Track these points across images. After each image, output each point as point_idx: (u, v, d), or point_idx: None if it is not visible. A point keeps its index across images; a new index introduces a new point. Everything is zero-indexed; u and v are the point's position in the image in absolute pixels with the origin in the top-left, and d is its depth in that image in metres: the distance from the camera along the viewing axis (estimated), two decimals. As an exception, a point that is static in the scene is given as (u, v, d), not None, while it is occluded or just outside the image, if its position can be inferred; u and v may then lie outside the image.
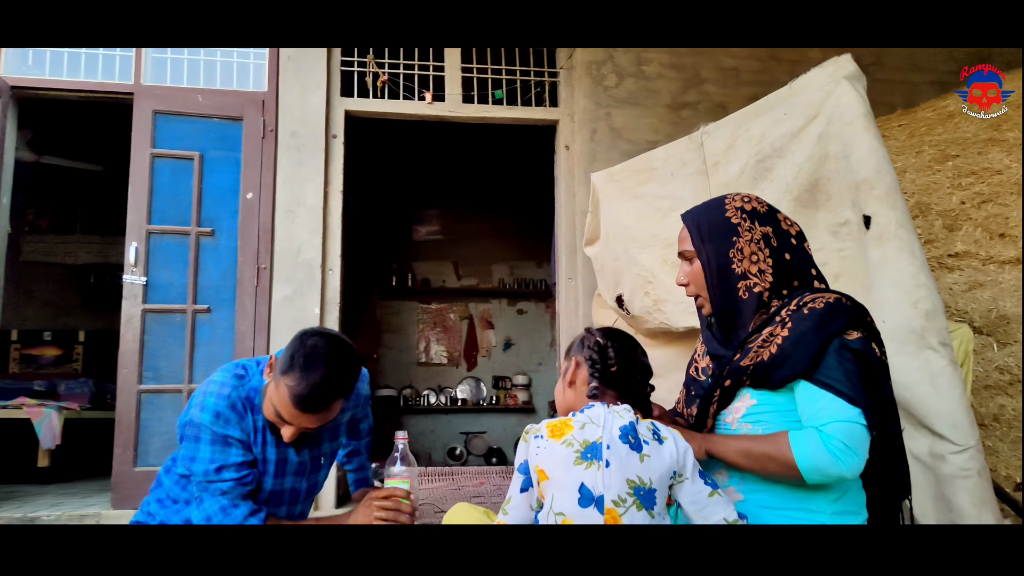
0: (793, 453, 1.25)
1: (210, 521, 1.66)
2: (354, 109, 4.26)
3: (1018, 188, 3.01)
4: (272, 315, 3.89)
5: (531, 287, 7.87)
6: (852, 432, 1.23)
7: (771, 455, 1.29)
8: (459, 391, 7.60)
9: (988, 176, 3.12)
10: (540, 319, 7.98)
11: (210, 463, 1.66)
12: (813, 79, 2.19)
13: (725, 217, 1.52)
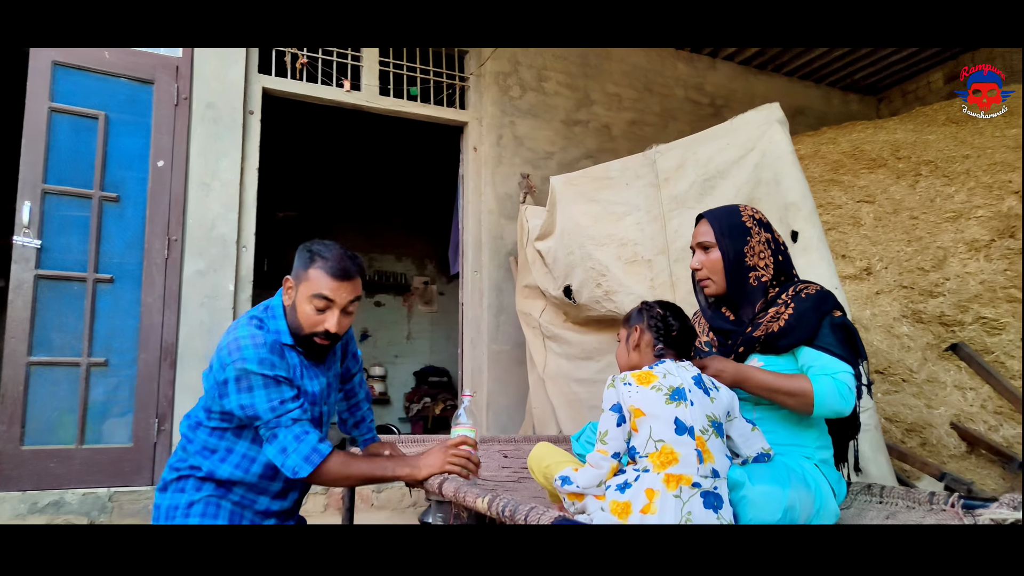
0: (813, 390, 1.70)
1: (286, 452, 1.73)
2: (272, 87, 4.24)
3: (854, 220, 3.84)
4: (183, 289, 3.77)
5: (390, 280, 8.02)
6: (850, 382, 1.71)
7: (791, 391, 1.72)
8: (314, 380, 7.52)
9: (832, 209, 3.93)
10: (398, 312, 8.15)
11: (270, 403, 1.74)
12: (750, 119, 2.74)
13: (741, 221, 1.96)
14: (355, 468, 1.81)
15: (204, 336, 3.76)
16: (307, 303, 1.81)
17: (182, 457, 1.94)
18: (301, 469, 1.73)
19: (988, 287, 3.31)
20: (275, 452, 1.76)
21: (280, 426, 1.75)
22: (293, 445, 1.74)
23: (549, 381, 3.45)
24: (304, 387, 1.88)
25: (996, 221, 3.44)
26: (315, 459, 1.75)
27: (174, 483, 1.90)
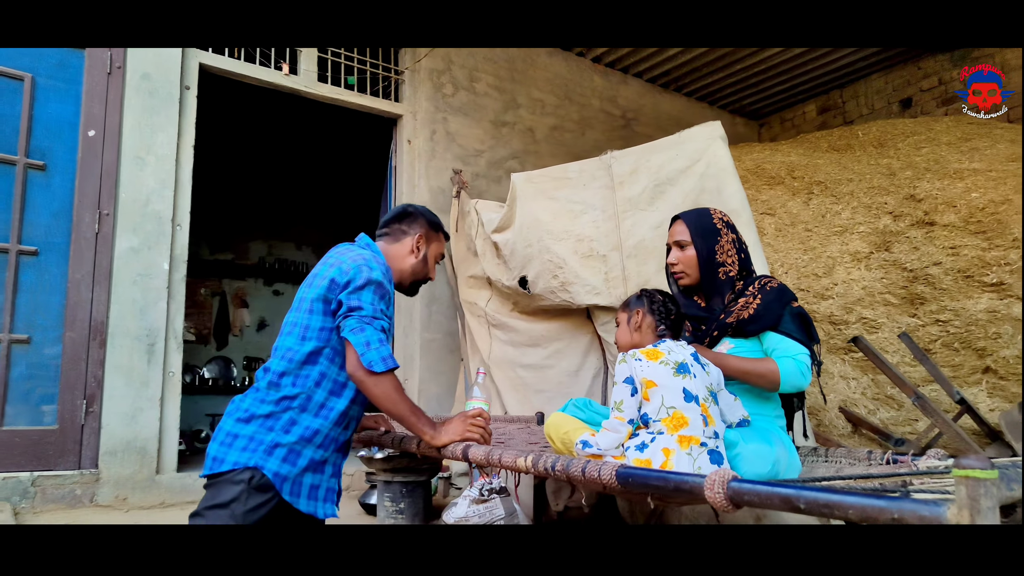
0: (780, 370, 2.02)
1: (369, 345, 1.88)
2: (209, 64, 4.14)
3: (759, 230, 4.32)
4: (114, 266, 3.62)
5: (291, 269, 7.87)
6: (807, 362, 2.06)
7: (762, 373, 2.04)
8: (207, 371, 7.26)
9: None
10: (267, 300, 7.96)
11: (374, 304, 1.94)
12: (696, 133, 3.09)
13: (712, 223, 2.27)
14: (405, 398, 1.96)
15: (137, 316, 3.64)
16: (432, 258, 2.24)
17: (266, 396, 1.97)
18: (377, 365, 1.87)
19: (868, 292, 3.88)
20: (360, 342, 1.89)
21: (371, 325, 1.92)
22: (376, 344, 1.90)
23: (494, 367, 3.66)
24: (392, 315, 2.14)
25: (874, 236, 4.04)
26: (390, 363, 1.91)
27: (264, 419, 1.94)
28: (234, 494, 1.85)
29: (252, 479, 1.86)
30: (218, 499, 1.86)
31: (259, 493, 1.86)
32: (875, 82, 6.28)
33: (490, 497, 3.44)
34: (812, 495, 1.13)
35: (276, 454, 1.90)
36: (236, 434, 1.92)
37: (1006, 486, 0.99)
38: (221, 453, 1.90)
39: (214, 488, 1.89)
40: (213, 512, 1.85)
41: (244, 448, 1.89)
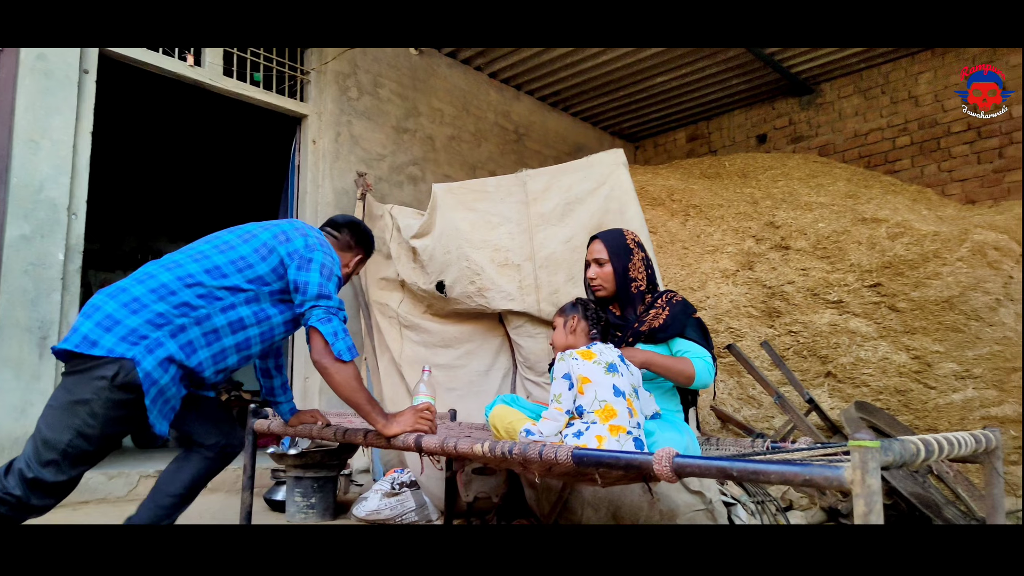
0: (695, 369, 2.38)
1: (337, 336, 2.03)
2: (110, 50, 4.00)
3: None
4: (4, 254, 3.43)
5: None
6: (711, 363, 2.43)
7: (682, 370, 2.38)
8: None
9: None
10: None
11: (338, 298, 2.13)
12: (602, 159, 3.44)
13: (626, 244, 2.61)
14: (363, 387, 2.13)
15: (27, 307, 3.47)
16: (353, 268, 2.43)
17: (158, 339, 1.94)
18: (344, 354, 2.04)
19: (735, 305, 4.43)
20: (328, 332, 2.04)
21: (337, 316, 2.08)
22: (343, 334, 2.07)
23: (405, 366, 3.82)
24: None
25: (740, 256, 4.61)
26: (354, 352, 2.09)
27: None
28: (95, 391, 1.84)
29: (118, 375, 1.84)
30: (77, 395, 1.85)
31: (122, 392, 1.85)
32: (737, 117, 7.04)
33: (401, 491, 3.62)
34: (742, 465, 1.45)
35: (156, 354, 1.89)
36: (118, 320, 1.88)
37: (883, 453, 1.35)
38: (95, 335, 1.86)
39: (75, 377, 1.87)
40: (71, 410, 1.84)
41: (123, 338, 1.86)
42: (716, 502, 3.00)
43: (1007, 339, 3.85)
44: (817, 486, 1.36)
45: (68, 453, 1.84)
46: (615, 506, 3.09)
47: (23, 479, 1.83)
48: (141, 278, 1.99)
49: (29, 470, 1.83)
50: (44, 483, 1.84)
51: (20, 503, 1.83)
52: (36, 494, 1.85)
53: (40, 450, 1.84)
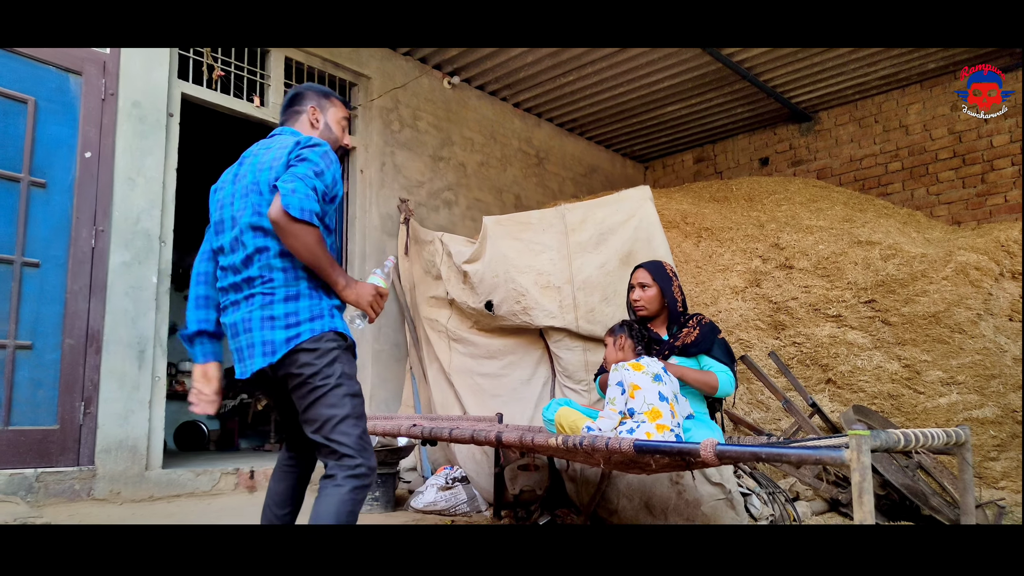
0: (719, 381, 2.87)
1: (295, 192, 1.92)
2: (190, 94, 4.50)
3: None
4: (109, 279, 3.92)
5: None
6: (732, 377, 2.93)
7: (708, 382, 2.88)
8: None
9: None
10: (206, 308, 8.13)
11: (314, 168, 2.03)
12: (631, 194, 3.94)
13: (665, 272, 3.11)
14: (324, 251, 2.00)
15: (128, 325, 3.96)
16: (335, 123, 2.33)
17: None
18: (294, 209, 1.89)
19: (744, 319, 4.93)
20: (286, 190, 1.92)
21: (303, 180, 1.96)
22: (303, 194, 1.93)
23: (454, 375, 4.32)
24: (340, 191, 2.21)
25: (748, 275, 5.11)
26: (308, 216, 1.92)
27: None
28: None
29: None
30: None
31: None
32: (741, 141, 7.56)
33: (454, 485, 4.11)
34: (769, 450, 1.95)
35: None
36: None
37: (873, 439, 1.85)
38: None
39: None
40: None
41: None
42: (734, 492, 3.49)
43: (987, 349, 4.35)
44: (825, 463, 1.86)
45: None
46: (647, 496, 3.58)
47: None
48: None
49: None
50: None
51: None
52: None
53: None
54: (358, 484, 1.99)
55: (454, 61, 5.86)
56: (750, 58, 5.87)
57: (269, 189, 2.06)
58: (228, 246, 2.14)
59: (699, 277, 5.19)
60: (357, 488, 1.99)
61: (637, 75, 6.15)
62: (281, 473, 2.32)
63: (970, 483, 2.49)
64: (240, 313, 2.08)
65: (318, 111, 2.30)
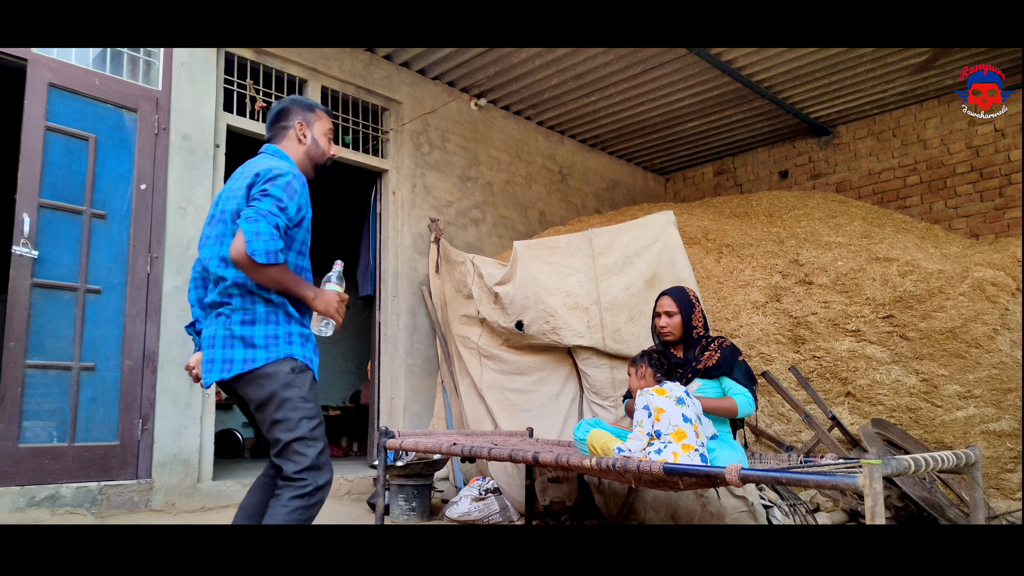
0: (737, 405, 3.05)
1: (259, 236, 1.99)
2: (235, 125, 4.75)
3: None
4: (163, 303, 4.18)
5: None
6: (751, 398, 3.10)
7: (727, 408, 3.06)
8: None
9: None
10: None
11: (278, 202, 2.09)
12: (655, 219, 4.13)
13: (689, 299, 3.30)
14: (288, 276, 2.10)
15: (181, 346, 4.21)
16: (322, 136, 2.38)
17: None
18: (259, 256, 1.98)
19: (764, 333, 5.09)
20: (250, 231, 1.99)
21: (266, 218, 2.03)
22: (267, 236, 2.01)
23: (486, 390, 4.52)
24: (308, 214, 2.27)
25: (768, 290, 5.27)
26: (272, 258, 2.02)
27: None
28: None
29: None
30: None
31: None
32: (760, 154, 7.70)
33: (486, 496, 4.32)
34: (789, 475, 2.13)
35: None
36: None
37: (884, 467, 2.02)
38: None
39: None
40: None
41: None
42: (756, 505, 3.66)
43: (1003, 364, 4.47)
44: (840, 489, 2.04)
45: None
46: (672, 508, 3.76)
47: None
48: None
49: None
50: None
51: None
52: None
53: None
54: (302, 504, 2.09)
55: (481, 84, 6.07)
56: (769, 77, 6.02)
57: (232, 218, 2.14)
58: (202, 265, 2.26)
59: (720, 292, 5.35)
60: (300, 508, 2.09)
61: (658, 94, 6.33)
62: (257, 486, 2.38)
63: (980, 501, 2.65)
64: (208, 329, 2.20)
65: (305, 126, 2.35)
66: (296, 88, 5.19)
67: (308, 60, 5.11)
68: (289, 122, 2.36)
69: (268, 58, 4.99)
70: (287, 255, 2.15)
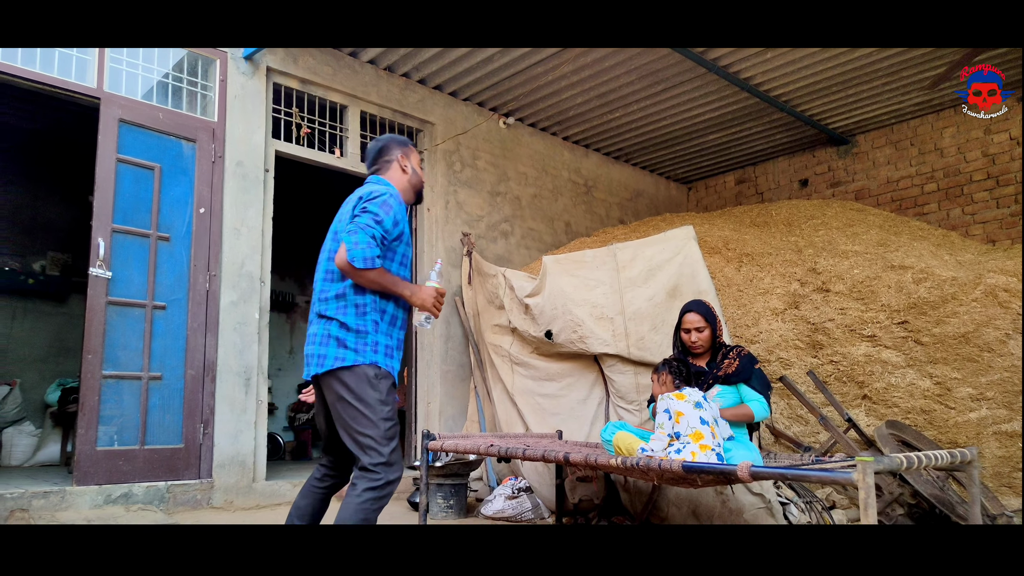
0: (754, 411, 3.32)
1: (357, 244, 2.31)
2: (282, 150, 5.12)
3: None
4: (220, 317, 4.55)
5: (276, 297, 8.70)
6: (766, 404, 3.36)
7: (742, 414, 3.33)
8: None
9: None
10: (281, 328, 8.83)
11: (375, 217, 2.41)
12: (676, 234, 4.40)
13: (712, 313, 3.56)
14: (386, 277, 2.42)
15: (236, 356, 4.57)
16: (417, 166, 2.77)
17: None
18: (357, 262, 2.31)
19: (783, 339, 5.32)
20: (351, 242, 2.34)
21: (364, 230, 2.36)
22: (364, 244, 2.34)
23: (517, 395, 4.82)
24: (406, 230, 2.59)
25: (787, 297, 5.49)
26: (370, 263, 2.34)
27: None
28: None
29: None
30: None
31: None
32: (781, 163, 7.91)
33: (519, 494, 4.61)
34: (792, 471, 2.39)
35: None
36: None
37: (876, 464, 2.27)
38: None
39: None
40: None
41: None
42: (774, 502, 3.90)
43: (1015, 367, 4.66)
44: (838, 483, 2.29)
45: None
46: (694, 504, 4.02)
47: None
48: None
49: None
50: None
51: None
52: None
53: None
54: (373, 495, 2.35)
55: (509, 103, 6.38)
56: (787, 92, 6.24)
57: (339, 237, 2.48)
58: (318, 274, 2.60)
59: (741, 300, 5.58)
60: (373, 499, 2.35)
61: (679, 109, 6.58)
62: (307, 490, 2.64)
63: (977, 497, 2.87)
64: (312, 328, 2.55)
65: (405, 159, 2.72)
66: (338, 114, 5.55)
67: (348, 87, 5.47)
68: (392, 156, 2.70)
69: (312, 87, 5.36)
70: (388, 264, 2.48)
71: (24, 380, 6.48)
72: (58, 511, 3.74)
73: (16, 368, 6.56)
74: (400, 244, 2.55)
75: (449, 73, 5.82)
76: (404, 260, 2.59)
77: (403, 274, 2.57)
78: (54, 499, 3.75)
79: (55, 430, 6.11)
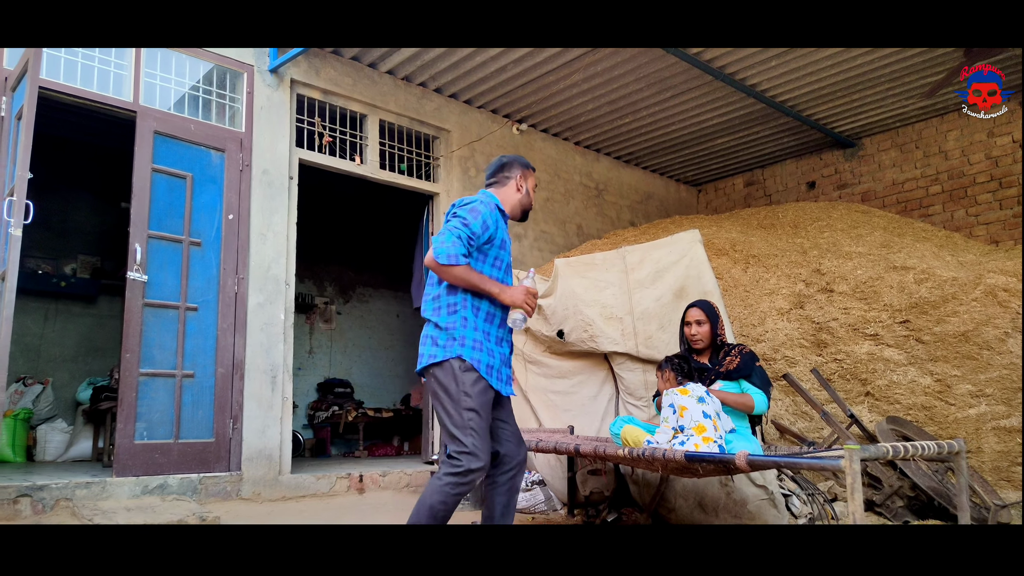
0: (754, 402, 3.50)
1: (442, 243, 2.52)
2: (305, 158, 5.36)
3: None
4: (248, 318, 4.79)
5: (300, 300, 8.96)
6: (766, 398, 3.54)
7: (743, 403, 3.51)
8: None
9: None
10: (301, 329, 9.07)
11: (462, 219, 2.59)
12: (683, 237, 4.58)
13: (714, 310, 3.75)
14: (472, 275, 2.58)
15: (263, 355, 4.81)
16: (531, 189, 2.97)
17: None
18: (440, 257, 2.50)
19: (789, 338, 5.49)
20: (436, 241, 2.55)
21: (451, 232, 2.56)
22: (448, 243, 2.53)
23: (530, 392, 5.02)
24: (504, 236, 2.79)
25: (792, 298, 5.66)
26: (453, 260, 2.51)
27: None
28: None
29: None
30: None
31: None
32: (788, 166, 8.06)
33: (532, 487, 4.81)
34: (786, 460, 2.58)
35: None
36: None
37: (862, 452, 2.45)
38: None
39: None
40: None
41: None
42: (776, 494, 4.08)
43: (1014, 364, 4.80)
44: (827, 470, 2.48)
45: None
46: (700, 496, 4.21)
47: None
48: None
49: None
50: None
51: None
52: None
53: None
54: (454, 480, 2.50)
55: (522, 110, 6.59)
56: (792, 97, 6.41)
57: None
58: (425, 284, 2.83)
59: (747, 300, 5.76)
60: (452, 484, 2.50)
61: (688, 115, 6.76)
62: (484, 486, 2.84)
63: (964, 486, 3.05)
64: (424, 328, 2.77)
65: (523, 179, 2.92)
66: (358, 122, 5.78)
67: (367, 97, 5.70)
68: (511, 173, 2.90)
69: (333, 97, 5.59)
70: (478, 265, 2.64)
71: (55, 379, 6.75)
72: (99, 500, 3.98)
73: (48, 367, 6.84)
74: (492, 248, 2.70)
75: (464, 82, 6.03)
76: (497, 263, 2.74)
77: (496, 276, 2.72)
78: (96, 489, 4.00)
79: (86, 427, 6.37)
